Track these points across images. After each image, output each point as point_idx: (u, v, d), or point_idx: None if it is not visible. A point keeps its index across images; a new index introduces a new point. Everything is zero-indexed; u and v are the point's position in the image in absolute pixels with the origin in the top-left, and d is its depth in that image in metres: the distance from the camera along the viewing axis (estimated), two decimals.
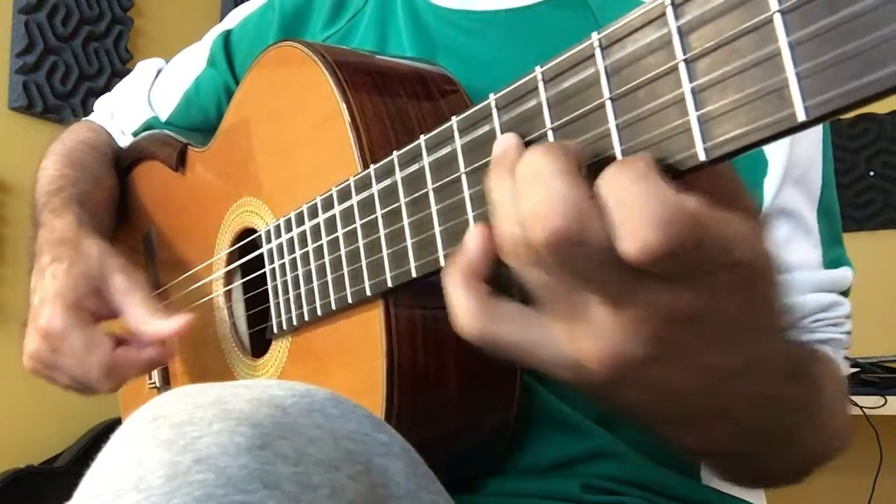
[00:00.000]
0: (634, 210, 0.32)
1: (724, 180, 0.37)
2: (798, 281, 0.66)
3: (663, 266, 0.32)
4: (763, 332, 0.40)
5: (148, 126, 0.98)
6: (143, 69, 1.04)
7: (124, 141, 1.00)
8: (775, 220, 0.67)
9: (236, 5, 1.02)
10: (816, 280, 0.67)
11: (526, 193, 0.35)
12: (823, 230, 0.70)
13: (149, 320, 0.71)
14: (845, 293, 0.70)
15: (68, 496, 0.38)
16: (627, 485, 0.65)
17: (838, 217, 0.73)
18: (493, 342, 0.39)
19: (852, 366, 1.89)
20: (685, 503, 0.67)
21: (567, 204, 0.33)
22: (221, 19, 0.98)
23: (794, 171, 0.67)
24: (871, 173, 2.23)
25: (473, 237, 0.39)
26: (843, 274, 0.69)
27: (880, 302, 2.08)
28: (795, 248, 0.67)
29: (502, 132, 0.41)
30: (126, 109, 1.01)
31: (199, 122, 0.95)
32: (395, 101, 0.61)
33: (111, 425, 1.63)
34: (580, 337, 0.37)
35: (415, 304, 0.56)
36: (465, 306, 0.40)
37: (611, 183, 0.33)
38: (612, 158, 0.35)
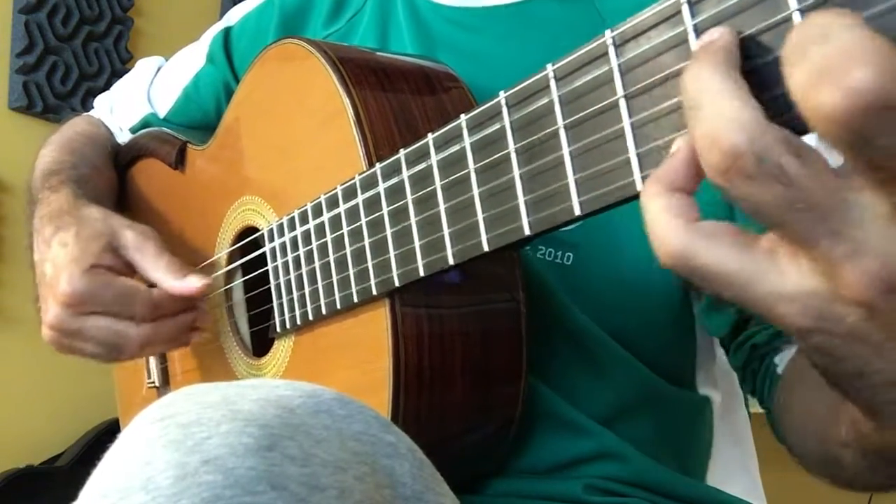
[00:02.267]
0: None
1: None
2: None
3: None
4: None
5: (146, 122, 0.97)
6: (143, 66, 1.03)
7: (123, 137, 0.99)
8: None
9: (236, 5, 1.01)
10: None
11: (801, 58, 0.26)
12: None
13: (168, 276, 0.70)
14: None
15: (69, 496, 0.38)
16: (630, 485, 0.65)
17: None
18: (699, 269, 0.32)
19: None
20: (688, 503, 0.67)
21: (875, 52, 0.25)
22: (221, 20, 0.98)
23: None
24: None
25: (682, 147, 0.32)
26: None
27: None
28: None
29: (512, 130, 0.41)
30: (125, 106, 1.01)
31: (198, 120, 0.95)
32: (399, 98, 0.61)
33: (111, 425, 1.63)
34: (839, 259, 0.28)
35: (421, 303, 0.56)
36: (669, 223, 0.32)
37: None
38: None
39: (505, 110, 0.41)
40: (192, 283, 0.69)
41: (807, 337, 0.31)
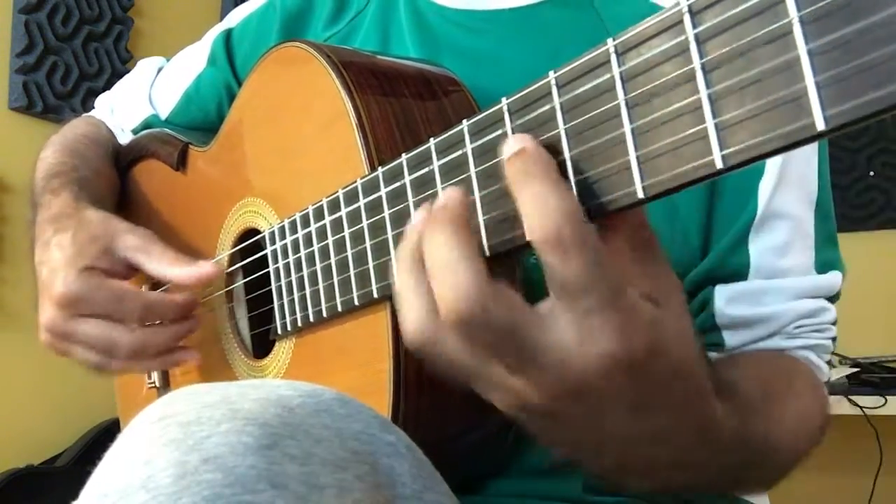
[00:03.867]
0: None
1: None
2: (785, 287, 0.66)
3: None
4: (656, 408, 0.41)
5: (148, 124, 0.98)
6: (144, 67, 1.03)
7: (124, 138, 0.99)
8: (771, 225, 0.67)
9: (236, 5, 1.01)
10: (803, 286, 0.67)
11: (435, 276, 0.39)
12: (819, 232, 0.69)
13: (175, 267, 0.70)
14: (833, 298, 0.70)
15: (69, 496, 0.38)
16: None
17: (833, 218, 0.72)
18: (438, 355, 0.41)
19: (852, 366, 1.89)
20: (686, 502, 0.67)
21: (472, 289, 0.37)
22: (222, 19, 0.98)
23: (789, 173, 0.67)
24: (871, 173, 2.24)
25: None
26: (832, 279, 0.69)
27: (880, 302, 2.08)
28: (792, 252, 0.67)
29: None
30: (126, 107, 1.01)
31: (199, 121, 0.95)
32: (401, 102, 0.61)
33: (111, 425, 1.63)
34: (489, 390, 0.42)
35: None
36: (415, 310, 0.41)
37: None
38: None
39: (507, 116, 0.41)
40: (204, 268, 0.69)
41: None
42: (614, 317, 0.36)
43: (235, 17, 0.95)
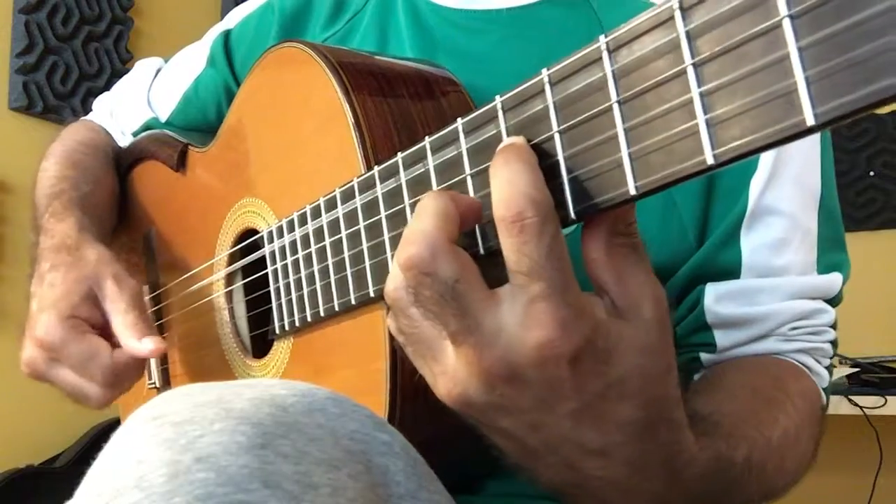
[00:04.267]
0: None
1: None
2: (780, 286, 0.66)
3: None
4: (603, 421, 0.40)
5: (147, 126, 0.98)
6: (142, 68, 1.03)
7: (124, 141, 1.00)
8: (765, 221, 0.66)
9: (236, 5, 1.02)
10: (799, 286, 0.66)
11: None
12: (823, 233, 0.69)
13: (128, 332, 0.70)
14: (833, 301, 0.69)
15: (68, 496, 0.38)
16: None
17: (840, 220, 0.72)
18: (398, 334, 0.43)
19: (852, 366, 1.89)
20: None
21: (427, 237, 0.38)
22: (222, 19, 0.98)
23: (783, 170, 0.67)
24: (871, 173, 2.24)
25: None
26: (831, 280, 0.68)
27: (880, 302, 2.08)
28: (787, 250, 0.67)
29: (508, 134, 0.41)
30: (126, 109, 1.01)
31: (198, 122, 0.95)
32: (398, 102, 0.61)
33: (111, 425, 1.63)
34: (435, 375, 0.42)
35: None
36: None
37: None
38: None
39: (501, 114, 0.41)
40: (145, 346, 0.70)
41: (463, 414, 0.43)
42: (559, 309, 0.36)
43: (234, 17, 0.95)
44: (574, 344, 0.37)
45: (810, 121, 0.28)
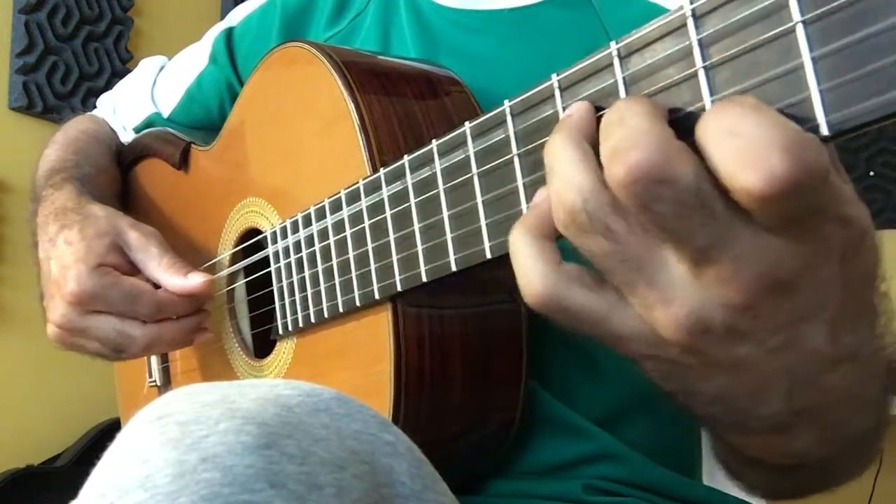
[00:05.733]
0: (754, 137, 0.28)
1: None
2: None
3: (783, 205, 0.29)
4: (859, 318, 0.35)
5: (150, 122, 0.98)
6: (146, 66, 1.04)
7: (126, 137, 0.99)
8: None
9: (236, 5, 1.02)
10: None
11: (607, 137, 0.32)
12: None
13: (167, 274, 0.70)
14: None
15: (68, 496, 0.38)
16: (628, 486, 0.65)
17: None
18: (564, 309, 0.36)
19: None
20: (686, 503, 0.67)
21: (651, 137, 0.30)
22: (222, 20, 0.98)
23: None
24: (871, 173, 2.23)
25: (545, 199, 0.36)
26: None
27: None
28: None
29: (516, 139, 0.41)
30: (128, 105, 1.01)
31: (201, 119, 0.95)
32: (403, 103, 0.61)
33: (112, 425, 1.63)
34: (653, 304, 0.33)
35: (422, 305, 0.56)
36: (535, 267, 0.36)
37: (717, 117, 0.29)
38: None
39: (509, 119, 0.41)
40: (194, 281, 0.70)
41: (640, 361, 0.37)
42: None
43: (236, 15, 0.95)
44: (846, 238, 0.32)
45: (824, 131, 0.28)
